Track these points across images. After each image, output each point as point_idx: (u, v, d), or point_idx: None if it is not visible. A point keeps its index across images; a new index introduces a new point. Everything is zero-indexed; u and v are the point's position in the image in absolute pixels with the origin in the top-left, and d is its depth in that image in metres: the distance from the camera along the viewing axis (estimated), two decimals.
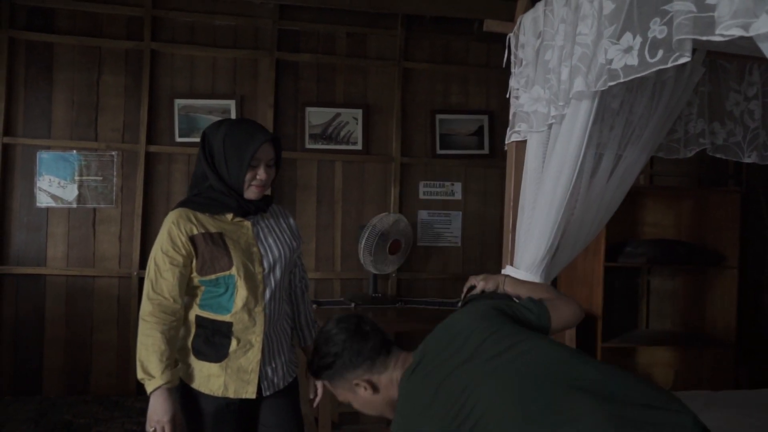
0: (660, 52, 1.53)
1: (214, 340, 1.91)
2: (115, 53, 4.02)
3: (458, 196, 4.38)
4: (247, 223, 1.96)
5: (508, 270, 2.16)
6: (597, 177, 2.25)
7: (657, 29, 1.53)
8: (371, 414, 1.67)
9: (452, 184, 4.37)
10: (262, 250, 1.95)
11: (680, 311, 4.21)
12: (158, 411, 1.84)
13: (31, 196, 3.91)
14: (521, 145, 2.29)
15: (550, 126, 2.06)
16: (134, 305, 3.94)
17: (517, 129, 2.24)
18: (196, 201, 1.92)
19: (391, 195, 4.27)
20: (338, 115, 4.25)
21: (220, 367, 1.90)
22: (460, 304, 1.90)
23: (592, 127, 1.97)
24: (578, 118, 1.93)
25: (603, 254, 3.60)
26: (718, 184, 4.28)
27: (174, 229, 1.87)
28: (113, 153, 3.99)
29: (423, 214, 4.33)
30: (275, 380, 2.00)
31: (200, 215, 1.91)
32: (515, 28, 2.33)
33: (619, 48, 1.66)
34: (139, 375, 1.87)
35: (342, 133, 4.25)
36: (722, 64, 2.60)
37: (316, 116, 4.23)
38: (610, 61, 1.68)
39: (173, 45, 4.06)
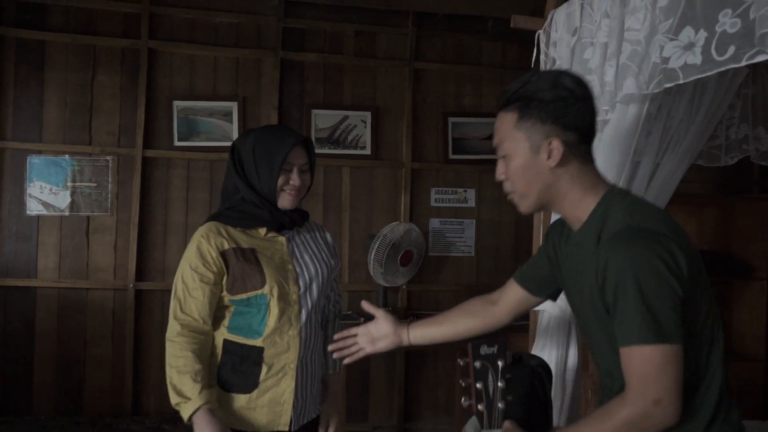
0: (731, 49, 1.33)
1: (242, 368, 1.75)
2: (111, 52, 3.81)
3: (471, 203, 4.17)
4: (282, 239, 1.84)
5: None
6: (634, 187, 2.07)
7: (728, 22, 1.34)
8: (517, 186, 1.39)
9: (465, 191, 4.16)
10: (297, 268, 1.83)
11: None
12: None
13: (21, 204, 3.70)
14: None
15: None
16: (130, 319, 3.74)
17: None
18: (228, 215, 1.81)
19: (401, 202, 4.07)
20: (346, 117, 4.05)
21: (249, 398, 1.75)
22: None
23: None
24: (624, 124, 1.73)
25: None
26: (742, 190, 4.10)
27: (204, 244, 1.74)
28: (108, 158, 3.79)
29: (435, 223, 4.12)
30: (304, 413, 1.84)
31: (231, 229, 1.78)
32: (546, 24, 2.15)
33: (678, 44, 1.47)
34: (174, 401, 1.68)
35: (350, 137, 4.04)
36: (766, 65, 2.43)
37: (323, 119, 4.03)
38: (667, 60, 1.49)
39: (172, 43, 3.86)
